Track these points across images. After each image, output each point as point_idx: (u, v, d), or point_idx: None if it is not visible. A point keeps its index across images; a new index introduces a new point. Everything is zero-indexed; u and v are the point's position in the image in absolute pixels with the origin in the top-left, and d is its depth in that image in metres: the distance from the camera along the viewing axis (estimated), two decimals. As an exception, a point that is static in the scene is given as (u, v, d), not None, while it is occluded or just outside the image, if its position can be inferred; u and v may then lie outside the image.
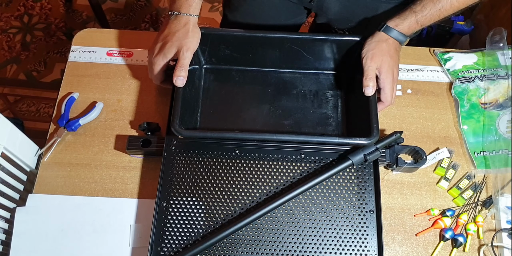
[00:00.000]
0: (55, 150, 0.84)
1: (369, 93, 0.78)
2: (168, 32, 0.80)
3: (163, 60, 0.79)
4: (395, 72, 0.81)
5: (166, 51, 0.79)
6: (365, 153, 0.75)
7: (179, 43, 0.79)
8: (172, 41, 0.79)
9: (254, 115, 0.86)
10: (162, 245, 0.72)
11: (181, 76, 0.77)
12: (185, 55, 0.78)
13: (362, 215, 0.75)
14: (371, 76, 0.79)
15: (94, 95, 0.90)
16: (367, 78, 0.79)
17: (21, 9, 2.02)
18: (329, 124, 0.86)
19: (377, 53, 0.80)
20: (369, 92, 0.78)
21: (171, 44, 0.79)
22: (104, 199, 0.80)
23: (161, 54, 0.79)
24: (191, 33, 0.80)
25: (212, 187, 0.76)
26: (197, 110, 0.86)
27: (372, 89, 0.78)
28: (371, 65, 0.79)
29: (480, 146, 0.86)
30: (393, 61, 0.81)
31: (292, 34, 0.86)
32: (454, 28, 1.46)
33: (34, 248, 0.75)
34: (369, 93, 0.78)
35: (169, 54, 0.79)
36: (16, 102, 1.80)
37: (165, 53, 0.79)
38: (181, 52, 0.78)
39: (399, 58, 0.83)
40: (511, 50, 0.94)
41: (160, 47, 0.80)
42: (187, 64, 0.78)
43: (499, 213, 0.80)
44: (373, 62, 0.80)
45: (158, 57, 0.79)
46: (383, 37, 0.82)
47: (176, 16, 0.80)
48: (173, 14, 0.80)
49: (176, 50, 0.79)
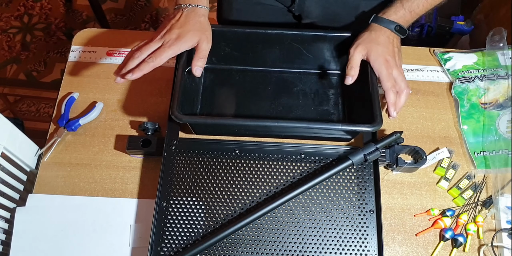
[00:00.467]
0: (55, 150, 0.84)
1: (347, 82, 0.79)
2: (186, 20, 0.77)
3: (181, 48, 0.75)
4: (388, 58, 0.79)
5: (187, 39, 0.75)
6: (365, 153, 0.75)
7: (201, 33, 0.77)
8: (194, 30, 0.76)
9: (254, 113, 0.86)
10: (162, 245, 0.72)
11: (201, 67, 0.76)
12: (206, 46, 0.77)
13: (362, 215, 0.75)
14: (352, 64, 0.79)
15: (94, 95, 0.90)
16: (348, 66, 0.79)
17: (21, 9, 2.02)
18: (331, 120, 0.86)
19: (362, 42, 0.80)
20: (347, 81, 0.79)
21: (193, 33, 0.76)
22: (104, 199, 0.80)
23: (181, 40, 0.75)
24: (208, 26, 0.79)
25: (212, 187, 0.76)
26: (197, 109, 0.86)
27: (351, 78, 0.79)
28: (354, 54, 0.79)
29: (480, 146, 0.86)
30: (383, 47, 0.80)
31: (292, 31, 0.85)
32: (454, 28, 1.46)
33: (34, 248, 0.75)
34: (347, 82, 0.79)
35: (190, 42, 0.76)
36: (16, 102, 1.80)
37: (186, 40, 0.75)
38: (202, 43, 0.76)
39: (395, 48, 0.81)
40: (511, 50, 0.94)
41: (178, 33, 0.75)
42: (206, 55, 0.77)
43: (499, 213, 0.80)
44: (357, 51, 0.80)
45: (176, 43, 0.75)
46: (370, 27, 0.82)
47: (193, 8, 0.78)
48: (188, 7, 0.78)
49: (197, 39, 0.77)
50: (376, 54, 0.79)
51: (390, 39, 0.81)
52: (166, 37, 0.75)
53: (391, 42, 0.81)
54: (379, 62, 0.79)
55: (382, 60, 0.79)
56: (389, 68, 0.79)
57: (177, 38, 0.75)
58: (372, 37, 0.81)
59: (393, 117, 0.78)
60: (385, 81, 0.79)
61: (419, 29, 1.47)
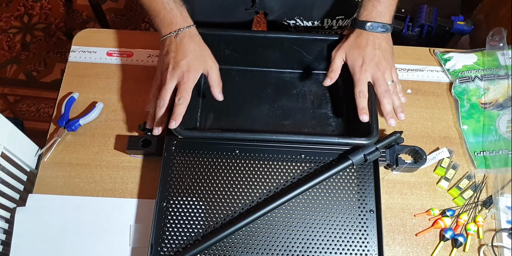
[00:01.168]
0: (55, 150, 0.84)
1: (326, 83, 0.81)
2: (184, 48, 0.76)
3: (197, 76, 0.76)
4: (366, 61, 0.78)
5: (197, 68, 0.75)
6: (365, 153, 0.75)
7: (205, 57, 0.77)
8: (198, 56, 0.76)
9: (254, 115, 0.86)
10: (162, 245, 0.72)
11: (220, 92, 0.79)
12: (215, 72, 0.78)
13: (362, 215, 0.75)
14: (332, 67, 0.81)
15: (94, 95, 0.90)
16: (329, 69, 0.81)
17: (21, 9, 2.02)
18: (329, 124, 0.86)
19: (342, 45, 0.82)
20: (326, 82, 0.81)
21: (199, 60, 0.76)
22: (104, 199, 0.80)
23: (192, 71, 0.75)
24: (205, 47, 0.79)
25: (212, 187, 0.76)
26: (197, 110, 0.86)
27: (329, 80, 0.81)
28: (334, 57, 0.81)
29: (480, 146, 0.86)
30: (360, 50, 0.79)
31: (292, 34, 0.86)
32: (454, 28, 1.46)
33: (34, 248, 0.75)
34: (326, 83, 0.81)
35: (201, 70, 0.76)
36: (16, 102, 1.80)
37: (196, 69, 0.75)
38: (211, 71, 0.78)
39: (376, 48, 0.80)
40: (511, 50, 0.94)
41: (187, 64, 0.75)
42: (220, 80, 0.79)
43: (499, 213, 0.80)
44: (337, 55, 0.81)
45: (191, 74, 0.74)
46: (349, 31, 0.83)
47: (184, 32, 0.77)
48: (178, 33, 0.77)
49: (204, 65, 0.77)
50: (352, 58, 0.80)
51: (370, 41, 0.80)
52: (177, 72, 0.75)
53: (371, 44, 0.80)
54: (354, 66, 0.80)
55: (357, 64, 0.79)
56: (364, 72, 0.78)
57: (188, 70, 0.75)
58: (351, 40, 0.81)
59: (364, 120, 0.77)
60: (358, 82, 0.78)
61: (419, 29, 1.47)
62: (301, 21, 0.99)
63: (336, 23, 1.00)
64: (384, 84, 0.79)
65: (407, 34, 1.48)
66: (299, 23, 1.00)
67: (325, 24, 1.00)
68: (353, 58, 0.80)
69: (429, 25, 1.44)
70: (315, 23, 1.00)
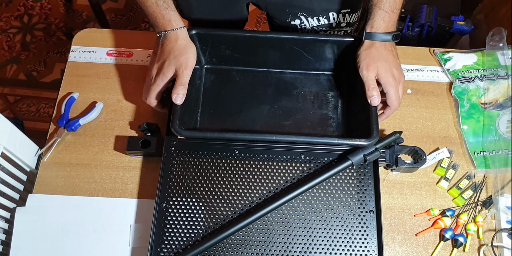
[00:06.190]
0: (55, 150, 0.84)
1: (375, 103, 0.78)
2: (162, 51, 0.80)
3: (163, 81, 0.78)
4: (395, 73, 0.80)
5: (164, 71, 0.78)
6: (364, 154, 0.75)
7: (176, 61, 0.78)
8: (169, 60, 0.78)
9: (254, 116, 0.86)
10: (162, 246, 0.72)
11: (181, 94, 0.77)
12: (184, 73, 0.77)
13: (362, 215, 0.75)
14: (372, 86, 0.78)
15: (94, 95, 0.90)
16: (369, 88, 0.78)
17: (21, 9, 2.02)
18: (329, 125, 0.86)
19: (370, 61, 0.79)
20: (375, 102, 0.78)
21: (168, 63, 0.78)
22: (104, 199, 0.80)
23: (160, 74, 0.78)
24: (185, 49, 0.79)
25: (212, 188, 0.76)
26: (197, 110, 0.86)
27: (377, 99, 0.78)
28: (369, 75, 0.79)
29: (480, 146, 0.86)
30: (388, 63, 0.80)
31: (293, 35, 0.86)
32: (454, 28, 1.46)
33: (34, 248, 0.75)
34: (375, 103, 0.78)
35: (168, 73, 0.78)
36: (16, 102, 1.80)
37: (164, 73, 0.78)
38: (180, 70, 0.77)
39: (396, 57, 0.82)
40: (511, 50, 0.94)
41: (158, 67, 0.79)
42: (187, 82, 0.77)
43: (499, 213, 0.80)
44: (370, 72, 0.79)
45: (157, 78, 0.78)
46: (368, 44, 0.81)
47: (165, 35, 0.80)
48: (161, 35, 0.80)
49: (174, 68, 0.78)
50: (384, 71, 0.79)
51: (391, 52, 0.81)
52: (152, 74, 0.80)
53: (392, 54, 0.81)
54: (388, 80, 0.79)
55: (390, 78, 0.79)
56: (396, 85, 0.80)
57: (157, 74, 0.79)
58: (375, 55, 0.80)
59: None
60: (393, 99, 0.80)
61: (419, 29, 1.47)
62: (306, 18, 0.98)
63: (343, 19, 0.99)
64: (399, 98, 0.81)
65: (407, 34, 1.47)
66: (304, 23, 0.99)
67: (331, 20, 0.98)
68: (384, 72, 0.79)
69: (429, 25, 1.44)
70: (320, 20, 0.98)
